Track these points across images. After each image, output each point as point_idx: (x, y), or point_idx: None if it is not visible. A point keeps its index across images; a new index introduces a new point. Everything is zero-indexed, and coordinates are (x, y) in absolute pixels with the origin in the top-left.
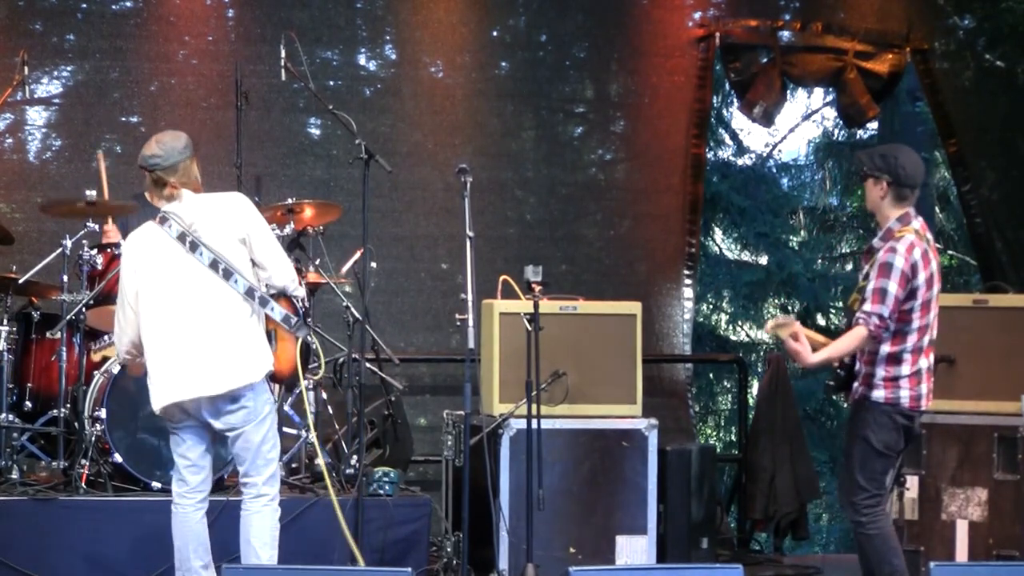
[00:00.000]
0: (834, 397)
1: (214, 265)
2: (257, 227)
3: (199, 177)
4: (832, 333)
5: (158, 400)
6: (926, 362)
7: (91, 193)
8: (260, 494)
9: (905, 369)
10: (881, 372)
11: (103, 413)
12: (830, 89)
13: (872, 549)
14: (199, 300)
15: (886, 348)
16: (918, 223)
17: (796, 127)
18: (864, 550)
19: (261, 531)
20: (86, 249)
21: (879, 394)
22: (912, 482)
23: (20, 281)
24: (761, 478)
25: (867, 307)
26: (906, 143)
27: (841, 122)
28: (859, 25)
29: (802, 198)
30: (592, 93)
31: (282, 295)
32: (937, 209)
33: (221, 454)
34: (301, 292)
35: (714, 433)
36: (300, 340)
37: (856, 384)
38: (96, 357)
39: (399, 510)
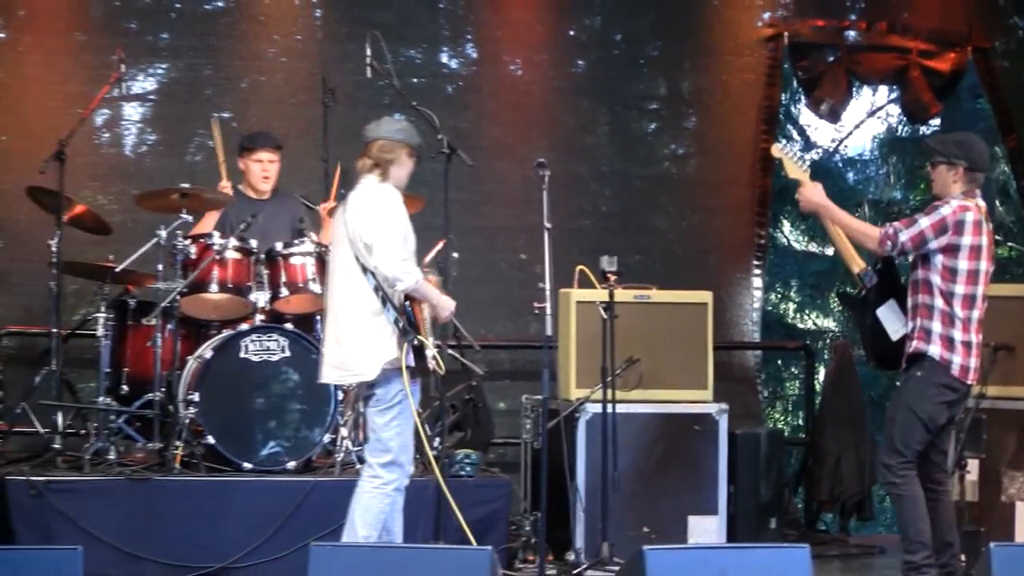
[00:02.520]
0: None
1: (356, 259)
2: (377, 229)
3: (398, 171)
4: None
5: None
6: (975, 338)
7: (185, 185)
8: (376, 475)
9: (957, 335)
10: (938, 327)
11: (196, 397)
12: (894, 87)
13: (902, 510)
14: (347, 288)
15: (939, 303)
16: (980, 202)
17: (861, 123)
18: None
19: (367, 512)
20: (180, 239)
21: (935, 350)
22: (973, 465)
23: (117, 270)
24: (827, 461)
25: (895, 223)
26: None
27: (905, 119)
28: (922, 25)
29: (867, 191)
30: (664, 90)
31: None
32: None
33: (309, 436)
34: (404, 285)
35: (782, 418)
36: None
37: (910, 343)
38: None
39: (480, 491)
